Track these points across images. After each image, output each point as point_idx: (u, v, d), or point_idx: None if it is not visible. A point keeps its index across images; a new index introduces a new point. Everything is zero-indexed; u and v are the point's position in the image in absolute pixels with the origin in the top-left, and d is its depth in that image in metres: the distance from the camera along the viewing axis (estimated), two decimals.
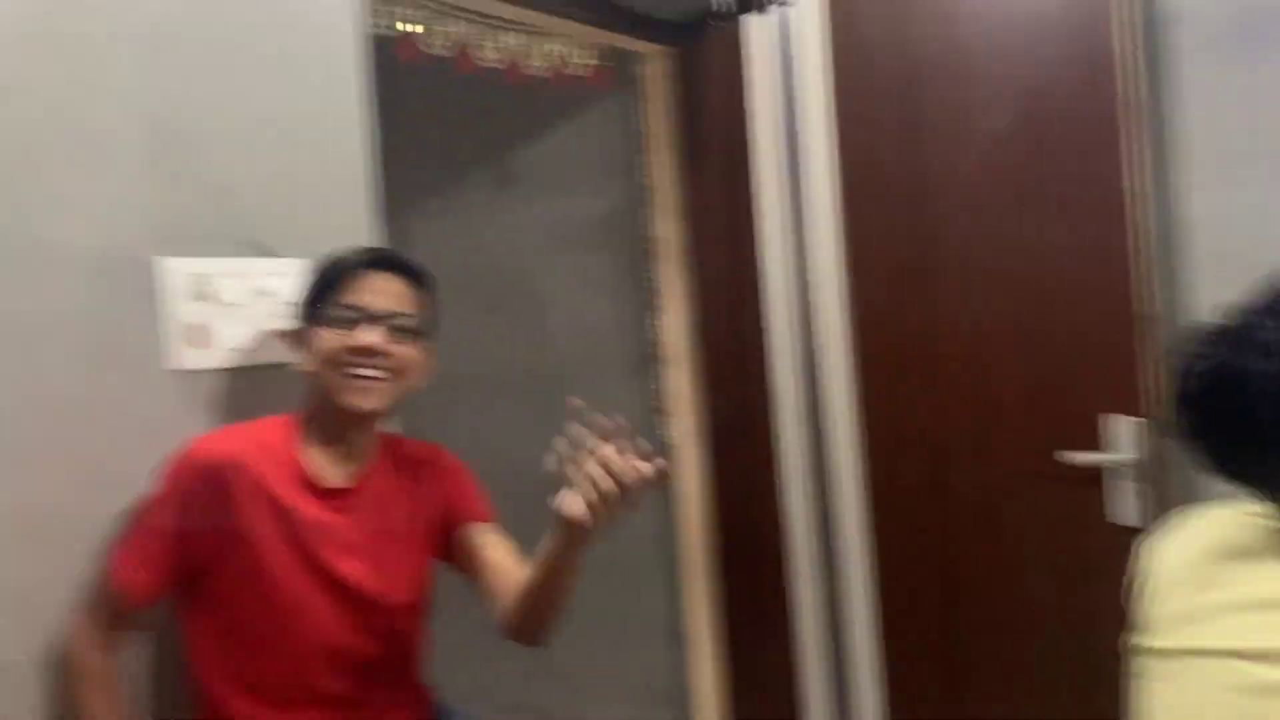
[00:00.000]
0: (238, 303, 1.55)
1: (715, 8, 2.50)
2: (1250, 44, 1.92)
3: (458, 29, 2.21)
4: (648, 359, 2.73)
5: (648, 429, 2.75)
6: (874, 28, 2.27)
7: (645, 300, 2.73)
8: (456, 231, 3.08)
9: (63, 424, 1.40)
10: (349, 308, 1.43)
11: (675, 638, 2.73)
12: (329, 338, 1.42)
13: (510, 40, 2.33)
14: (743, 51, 2.46)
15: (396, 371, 1.45)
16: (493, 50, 2.30)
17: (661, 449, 2.71)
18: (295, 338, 1.50)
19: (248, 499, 1.39)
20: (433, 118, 3.04)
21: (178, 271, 1.52)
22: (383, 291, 1.45)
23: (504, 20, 2.30)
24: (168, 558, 1.37)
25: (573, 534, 1.32)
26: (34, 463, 1.37)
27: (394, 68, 2.00)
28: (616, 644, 2.84)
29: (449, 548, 1.58)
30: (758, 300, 2.48)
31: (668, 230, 2.65)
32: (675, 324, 2.65)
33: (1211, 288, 1.92)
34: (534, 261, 2.94)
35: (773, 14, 2.42)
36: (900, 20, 2.23)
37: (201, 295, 1.54)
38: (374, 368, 1.43)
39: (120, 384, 1.46)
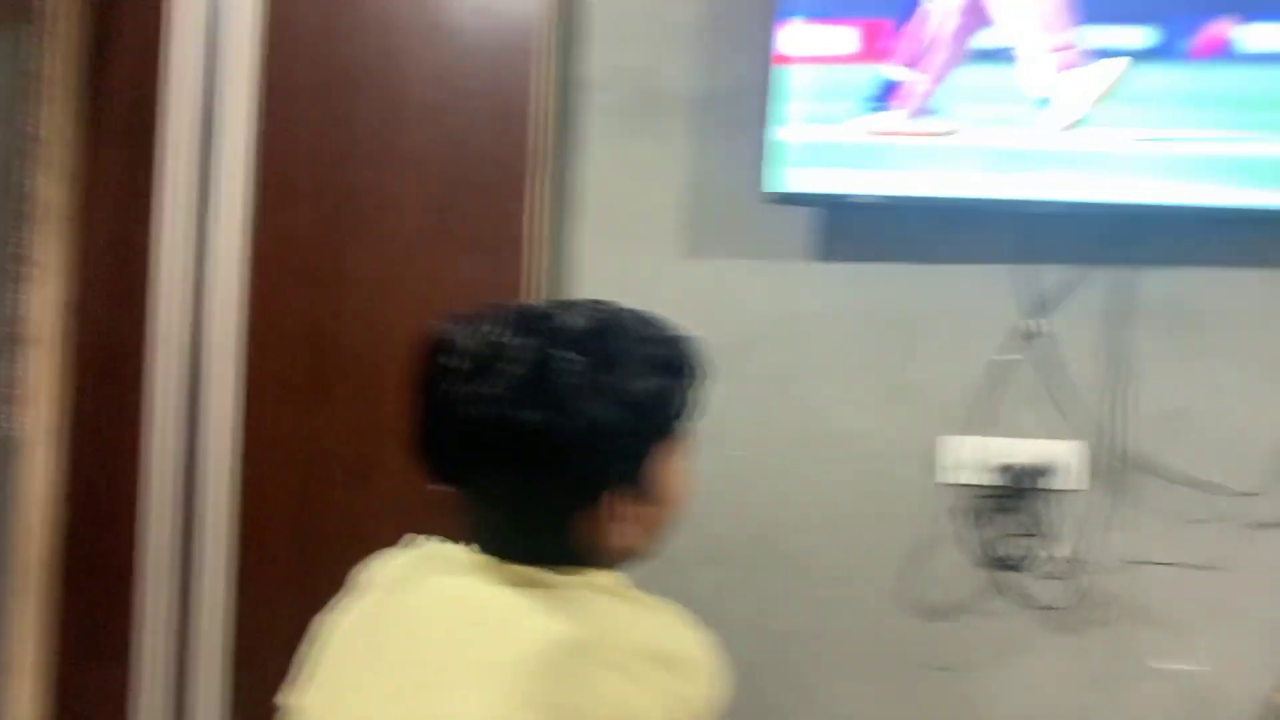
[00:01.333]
0: None
1: None
2: (647, 120, 2.11)
3: None
4: (8, 338, 2.33)
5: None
6: (311, 13, 2.16)
7: (13, 270, 2.33)
8: None
9: None
10: None
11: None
12: None
13: None
14: (165, 14, 2.23)
15: None
16: None
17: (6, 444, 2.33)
18: None
19: None
20: None
21: None
22: None
23: None
24: None
25: None
26: None
27: None
28: None
29: None
30: (144, 285, 2.23)
31: (51, 192, 2.29)
32: (46, 300, 2.29)
33: None
34: None
35: None
36: (337, 13, 2.15)
37: None
38: None
39: None
